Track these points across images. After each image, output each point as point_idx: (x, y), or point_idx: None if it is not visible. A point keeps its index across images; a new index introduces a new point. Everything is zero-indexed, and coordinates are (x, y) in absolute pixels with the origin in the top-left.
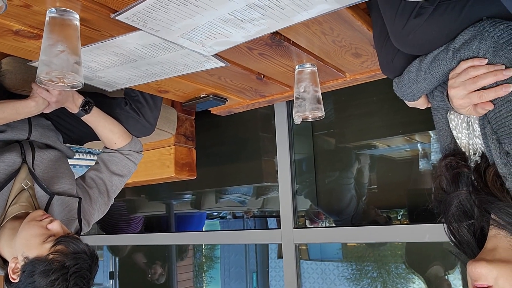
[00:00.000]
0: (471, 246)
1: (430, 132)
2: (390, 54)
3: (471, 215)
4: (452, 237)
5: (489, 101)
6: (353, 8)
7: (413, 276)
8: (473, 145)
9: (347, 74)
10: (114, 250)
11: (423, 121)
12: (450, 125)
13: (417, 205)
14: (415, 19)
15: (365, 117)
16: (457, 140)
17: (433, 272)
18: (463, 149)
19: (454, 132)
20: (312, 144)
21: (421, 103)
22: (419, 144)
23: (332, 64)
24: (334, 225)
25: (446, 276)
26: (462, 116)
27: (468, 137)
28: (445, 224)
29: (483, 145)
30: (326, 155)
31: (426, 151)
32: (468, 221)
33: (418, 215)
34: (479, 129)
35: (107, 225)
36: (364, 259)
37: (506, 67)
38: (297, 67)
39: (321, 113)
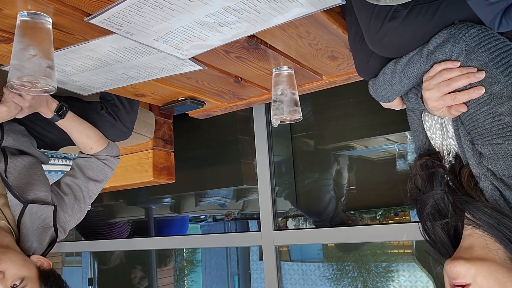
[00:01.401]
0: (445, 245)
1: (406, 132)
2: (365, 56)
3: (445, 214)
4: (426, 236)
5: (462, 103)
6: (328, 11)
7: (392, 275)
8: (446, 145)
9: (324, 76)
10: (97, 257)
11: (400, 122)
12: (424, 126)
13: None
14: (389, 22)
15: (342, 119)
16: (431, 141)
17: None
18: (437, 149)
19: (428, 133)
20: (291, 146)
21: (396, 104)
22: (396, 145)
23: (309, 67)
24: (313, 226)
25: None
26: (436, 117)
27: (442, 137)
28: (419, 223)
29: (457, 146)
30: (305, 157)
31: (403, 151)
32: (442, 220)
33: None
34: (452, 130)
35: (87, 231)
36: (345, 259)
37: (478, 70)
38: (274, 70)
39: (298, 115)
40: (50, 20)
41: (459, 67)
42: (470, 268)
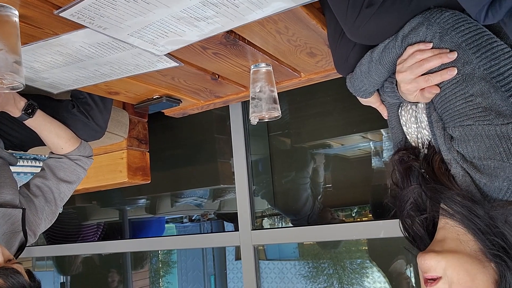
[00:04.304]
0: (424, 240)
1: (382, 130)
2: (345, 52)
3: (424, 209)
4: (405, 233)
5: (435, 85)
6: (308, 7)
7: (367, 271)
8: (421, 138)
9: (302, 74)
10: (62, 264)
11: (376, 119)
12: (401, 121)
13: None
14: (366, 9)
15: (319, 117)
16: (407, 136)
17: (397, 267)
18: (413, 144)
19: (404, 128)
20: (268, 145)
21: (373, 101)
22: (371, 143)
23: (287, 63)
24: (290, 225)
25: (407, 272)
26: (411, 111)
27: (417, 130)
28: (399, 220)
29: (431, 135)
30: (282, 155)
31: (378, 149)
32: (421, 216)
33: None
34: (426, 118)
35: (56, 235)
36: (320, 257)
37: (451, 51)
38: (252, 67)
39: (277, 113)
40: (16, 12)
41: (432, 48)
42: (440, 261)
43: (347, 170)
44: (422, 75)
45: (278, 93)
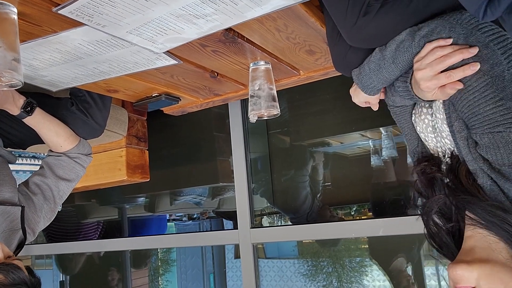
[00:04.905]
0: (451, 249)
1: (381, 128)
2: (343, 50)
3: (449, 217)
4: (431, 240)
5: (458, 88)
6: (307, 4)
7: (366, 269)
8: (441, 147)
9: (301, 71)
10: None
11: (375, 117)
12: (416, 129)
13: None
14: (364, 17)
15: (318, 115)
16: (425, 143)
17: (397, 265)
18: (432, 152)
19: (421, 135)
20: (267, 143)
21: (374, 103)
22: (370, 141)
23: (286, 61)
24: (289, 223)
25: (407, 270)
26: (426, 121)
27: (436, 140)
28: (425, 229)
29: (453, 145)
30: (281, 154)
31: (377, 147)
32: (447, 225)
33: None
34: (447, 129)
35: (56, 233)
36: (320, 255)
37: (471, 47)
38: (251, 65)
39: (276, 111)
40: (15, 10)
41: (451, 44)
42: (472, 271)
43: (346, 168)
44: (442, 72)
45: (277, 91)
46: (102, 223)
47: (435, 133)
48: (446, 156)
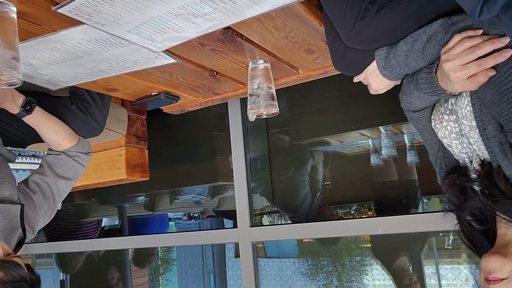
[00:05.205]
0: (485, 246)
1: (380, 127)
2: (342, 49)
3: (482, 219)
4: (466, 240)
5: (491, 75)
6: (305, 3)
7: (366, 268)
8: (467, 153)
9: (300, 70)
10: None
11: (375, 117)
12: (438, 135)
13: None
14: (361, 21)
15: (318, 114)
16: (448, 148)
17: (400, 263)
18: (456, 157)
19: (444, 141)
20: (267, 142)
21: (386, 87)
22: (370, 140)
23: (285, 60)
24: (289, 222)
25: (410, 268)
26: (449, 127)
27: (461, 146)
28: (459, 230)
29: (482, 151)
30: (280, 153)
31: (377, 146)
32: (482, 227)
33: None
34: (477, 135)
35: (56, 232)
36: (320, 254)
37: (501, 36)
38: (250, 64)
39: (275, 109)
40: (14, 8)
41: (481, 35)
42: (507, 264)
43: (345, 167)
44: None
45: (276, 90)
46: (100, 223)
47: (460, 140)
48: (474, 163)
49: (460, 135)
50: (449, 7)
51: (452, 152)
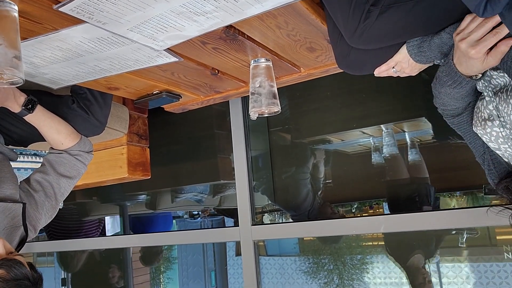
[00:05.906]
0: None
1: (382, 126)
2: (346, 48)
3: None
4: None
5: None
6: (307, 1)
7: (367, 266)
8: None
9: (302, 69)
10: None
11: (376, 115)
12: (483, 139)
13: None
14: (364, 22)
15: (319, 112)
16: (497, 152)
17: (414, 261)
18: (506, 160)
19: (491, 145)
20: (268, 140)
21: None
22: (371, 138)
23: (287, 58)
24: (290, 221)
25: (426, 266)
26: (494, 133)
27: (511, 149)
28: None
29: None
30: (282, 151)
31: (378, 145)
32: None
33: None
34: None
35: (58, 231)
36: (321, 252)
37: None
38: (252, 62)
39: (277, 108)
40: (16, 7)
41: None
42: None
43: (347, 165)
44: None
45: (277, 88)
46: (104, 221)
47: (509, 143)
48: None
49: (509, 139)
50: (453, 7)
51: (501, 155)
